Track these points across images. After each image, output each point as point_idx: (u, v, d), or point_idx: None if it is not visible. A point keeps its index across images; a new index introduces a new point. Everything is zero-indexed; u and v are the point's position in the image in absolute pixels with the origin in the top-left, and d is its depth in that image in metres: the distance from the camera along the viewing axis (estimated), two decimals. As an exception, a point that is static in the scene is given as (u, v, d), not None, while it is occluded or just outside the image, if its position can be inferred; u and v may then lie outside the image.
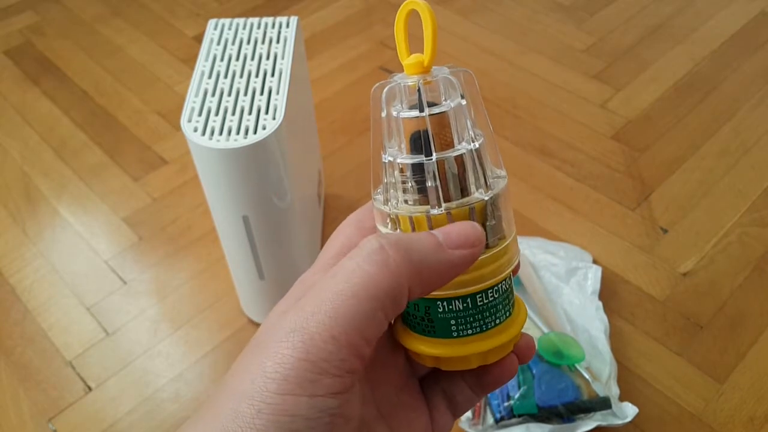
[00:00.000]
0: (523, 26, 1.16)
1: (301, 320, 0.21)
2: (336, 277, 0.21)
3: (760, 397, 0.67)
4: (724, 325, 0.73)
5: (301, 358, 0.20)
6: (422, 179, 0.23)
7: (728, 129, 0.96)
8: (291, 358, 0.20)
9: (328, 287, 0.21)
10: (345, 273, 0.21)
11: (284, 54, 0.63)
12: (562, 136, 0.96)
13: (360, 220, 0.27)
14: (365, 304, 0.21)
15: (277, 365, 0.20)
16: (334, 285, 0.21)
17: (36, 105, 1.05)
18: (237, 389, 0.21)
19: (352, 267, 0.21)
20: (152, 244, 0.84)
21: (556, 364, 0.64)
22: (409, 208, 0.24)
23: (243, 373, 0.21)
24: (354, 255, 0.22)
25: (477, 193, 0.24)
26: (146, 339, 0.75)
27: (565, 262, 0.75)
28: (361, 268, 0.21)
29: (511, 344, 0.26)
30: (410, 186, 0.23)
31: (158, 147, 0.97)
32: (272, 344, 0.21)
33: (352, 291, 0.21)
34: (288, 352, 0.20)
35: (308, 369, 0.20)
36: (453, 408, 0.28)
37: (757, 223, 0.83)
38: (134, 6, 1.25)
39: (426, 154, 0.23)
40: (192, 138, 0.55)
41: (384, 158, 0.24)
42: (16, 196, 0.91)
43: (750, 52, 1.09)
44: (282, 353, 0.20)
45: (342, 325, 0.20)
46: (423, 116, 0.23)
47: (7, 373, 0.72)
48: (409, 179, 0.23)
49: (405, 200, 0.24)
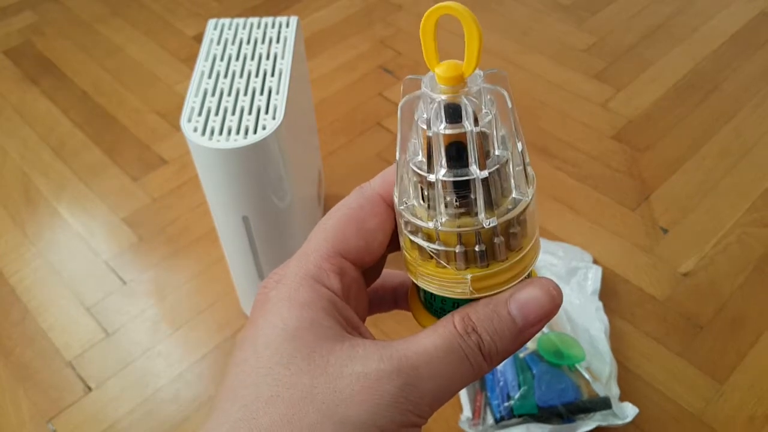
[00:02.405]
0: (524, 26, 1.16)
1: (417, 384, 0.22)
2: (444, 360, 0.22)
3: (760, 397, 0.67)
4: (724, 325, 0.73)
5: (411, 411, 0.21)
6: (466, 194, 0.23)
7: (729, 129, 0.96)
8: (405, 412, 0.21)
9: (437, 363, 0.22)
10: (452, 356, 0.22)
11: (284, 54, 0.63)
12: (562, 136, 0.96)
13: (358, 220, 0.25)
14: (459, 389, 0.23)
15: (393, 413, 0.21)
16: (443, 365, 0.22)
17: (35, 105, 1.05)
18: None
19: (460, 356, 0.22)
20: (152, 245, 0.84)
21: (556, 364, 0.64)
22: (454, 223, 0.23)
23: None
24: (463, 345, 0.22)
25: (518, 195, 0.23)
26: (146, 339, 0.75)
27: (565, 262, 0.75)
28: (468, 362, 0.22)
29: None
30: (453, 200, 0.23)
31: (158, 147, 0.97)
32: (378, 392, 0.21)
33: (456, 379, 0.22)
34: (399, 407, 0.21)
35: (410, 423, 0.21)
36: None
37: (757, 223, 0.83)
38: (134, 6, 1.25)
39: (472, 169, 0.22)
40: (192, 138, 0.55)
41: (429, 177, 0.23)
42: (16, 196, 0.91)
43: (750, 52, 1.09)
44: (397, 406, 0.21)
45: (441, 402, 0.22)
46: (468, 131, 0.22)
47: (7, 373, 0.72)
48: (451, 194, 0.23)
49: (448, 214, 0.23)
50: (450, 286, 0.23)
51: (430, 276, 0.24)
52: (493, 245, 0.23)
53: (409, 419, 0.21)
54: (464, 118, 0.22)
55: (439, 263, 0.23)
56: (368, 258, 0.25)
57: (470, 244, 0.23)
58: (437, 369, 0.22)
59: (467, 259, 0.23)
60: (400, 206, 0.24)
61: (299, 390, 0.20)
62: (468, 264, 0.23)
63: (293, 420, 0.20)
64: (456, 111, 0.22)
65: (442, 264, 0.23)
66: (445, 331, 0.22)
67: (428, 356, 0.22)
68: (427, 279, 0.24)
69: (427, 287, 0.24)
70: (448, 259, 0.23)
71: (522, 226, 0.23)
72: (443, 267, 0.23)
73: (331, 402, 0.20)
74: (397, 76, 1.07)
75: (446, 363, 0.22)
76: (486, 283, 0.23)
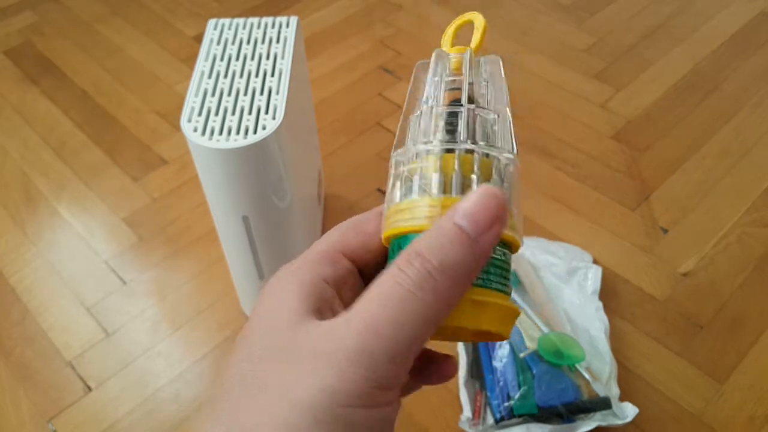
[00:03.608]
0: (524, 26, 1.16)
1: (363, 342, 0.21)
2: (388, 307, 0.21)
3: (760, 397, 0.67)
4: (724, 325, 0.73)
5: (368, 377, 0.21)
6: (455, 123, 0.26)
7: (728, 129, 0.96)
8: (356, 376, 0.21)
9: (381, 315, 0.21)
10: (395, 300, 0.22)
11: (284, 54, 0.63)
12: (562, 136, 0.96)
13: (360, 222, 0.27)
14: (421, 329, 0.21)
15: (345, 383, 0.21)
16: (387, 314, 0.21)
17: (35, 105, 1.05)
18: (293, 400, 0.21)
19: (402, 294, 0.21)
20: (152, 245, 0.84)
21: (556, 364, 0.64)
22: (437, 146, 0.25)
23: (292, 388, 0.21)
24: (402, 281, 0.22)
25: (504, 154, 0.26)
26: (146, 339, 0.75)
27: (565, 262, 0.75)
28: (414, 296, 0.21)
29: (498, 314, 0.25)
30: (442, 126, 0.26)
31: (158, 147, 0.97)
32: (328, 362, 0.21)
33: (409, 321, 0.21)
34: (351, 374, 0.21)
35: (371, 386, 0.21)
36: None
37: (757, 223, 0.83)
38: (134, 6, 1.25)
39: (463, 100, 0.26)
40: (192, 138, 0.55)
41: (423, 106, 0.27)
42: (16, 196, 0.91)
43: (750, 52, 1.09)
44: (348, 374, 0.21)
45: (401, 351, 0.21)
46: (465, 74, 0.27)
47: (7, 373, 0.72)
48: (443, 122, 0.26)
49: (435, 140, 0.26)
50: (422, 215, 0.24)
51: (405, 211, 0.25)
52: (471, 179, 0.24)
53: (369, 387, 0.21)
54: (464, 69, 0.27)
55: (422, 191, 0.25)
56: (366, 256, 0.27)
57: (449, 171, 0.25)
58: (380, 323, 0.21)
59: (444, 188, 0.24)
60: (393, 152, 0.27)
61: (270, 387, 0.22)
62: (445, 193, 0.24)
63: (269, 420, 0.21)
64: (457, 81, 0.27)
65: (423, 191, 0.25)
66: (385, 277, 0.22)
67: (370, 315, 0.21)
68: (401, 217, 0.25)
69: (398, 224, 0.25)
70: (426, 187, 0.25)
71: (507, 182, 0.25)
72: (421, 197, 0.24)
73: (290, 389, 0.21)
74: (398, 76, 1.07)
75: (390, 310, 0.21)
76: None
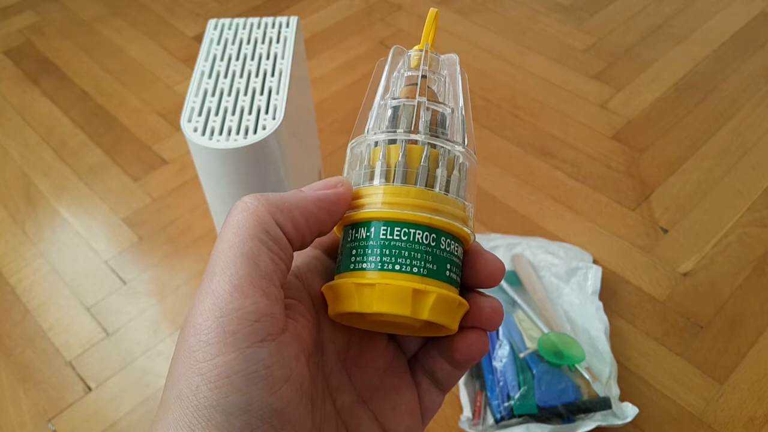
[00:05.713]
0: (523, 26, 1.16)
1: (204, 287, 0.22)
2: (216, 243, 0.23)
3: (760, 397, 0.67)
4: (724, 325, 0.73)
5: (217, 316, 0.21)
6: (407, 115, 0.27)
7: (728, 129, 0.96)
8: (207, 321, 0.21)
9: (215, 251, 0.23)
10: (221, 235, 0.23)
11: (284, 54, 0.63)
12: (562, 136, 0.96)
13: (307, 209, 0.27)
14: (246, 246, 0.22)
15: (198, 335, 0.21)
16: (217, 246, 0.23)
17: (36, 105, 1.05)
18: (172, 375, 0.22)
19: (224, 227, 0.23)
20: (152, 245, 0.84)
21: (556, 364, 0.64)
22: (383, 137, 0.26)
23: (174, 361, 0.22)
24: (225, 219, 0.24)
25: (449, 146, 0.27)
26: (146, 339, 0.75)
27: (565, 262, 0.75)
28: (229, 222, 0.23)
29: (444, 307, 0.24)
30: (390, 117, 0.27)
31: (158, 147, 0.97)
32: (187, 322, 0.22)
33: (230, 242, 0.22)
34: (202, 320, 0.21)
35: (225, 324, 0.21)
36: (438, 384, 0.27)
37: (757, 223, 0.83)
38: (134, 6, 1.25)
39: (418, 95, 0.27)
40: (192, 138, 0.55)
41: (379, 101, 0.28)
42: (16, 196, 0.91)
43: (750, 52, 1.09)
44: (198, 324, 0.21)
45: (238, 274, 0.22)
46: (421, 69, 0.28)
47: (7, 373, 0.72)
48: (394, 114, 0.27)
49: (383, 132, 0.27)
50: (365, 202, 0.25)
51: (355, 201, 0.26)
52: (418, 169, 0.25)
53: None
54: (421, 63, 0.28)
55: (366, 179, 0.26)
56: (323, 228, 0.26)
57: (393, 161, 0.25)
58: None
59: (387, 176, 0.25)
60: (350, 142, 0.28)
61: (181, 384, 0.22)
62: (388, 182, 0.25)
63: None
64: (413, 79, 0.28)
65: (368, 179, 0.26)
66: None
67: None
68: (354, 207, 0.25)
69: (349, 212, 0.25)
70: (371, 176, 0.26)
71: (459, 173, 0.26)
72: (367, 186, 0.25)
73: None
74: (397, 77, 1.07)
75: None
76: (396, 200, 0.25)
